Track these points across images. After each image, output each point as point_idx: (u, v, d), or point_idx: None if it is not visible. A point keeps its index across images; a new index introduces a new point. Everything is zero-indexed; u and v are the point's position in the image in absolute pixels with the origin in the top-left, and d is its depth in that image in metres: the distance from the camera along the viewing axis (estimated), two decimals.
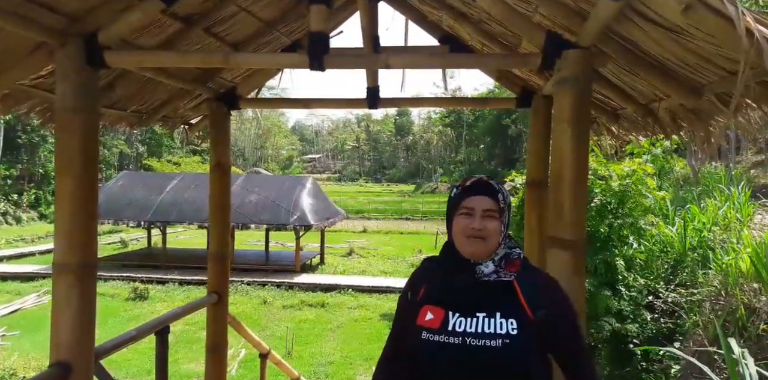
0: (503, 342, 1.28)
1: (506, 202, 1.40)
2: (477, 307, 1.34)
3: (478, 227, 1.34)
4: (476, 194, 1.38)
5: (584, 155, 1.67)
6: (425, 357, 1.35)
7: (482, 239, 1.34)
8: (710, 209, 7.68)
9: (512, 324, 1.29)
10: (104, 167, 33.00)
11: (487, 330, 1.30)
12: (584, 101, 1.64)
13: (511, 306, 1.32)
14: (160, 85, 2.79)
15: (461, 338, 1.31)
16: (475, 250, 1.35)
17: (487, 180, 1.42)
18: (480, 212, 1.36)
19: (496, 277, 1.35)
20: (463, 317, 1.34)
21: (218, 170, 2.92)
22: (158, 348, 2.26)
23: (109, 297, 12.70)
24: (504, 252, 1.39)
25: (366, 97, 2.88)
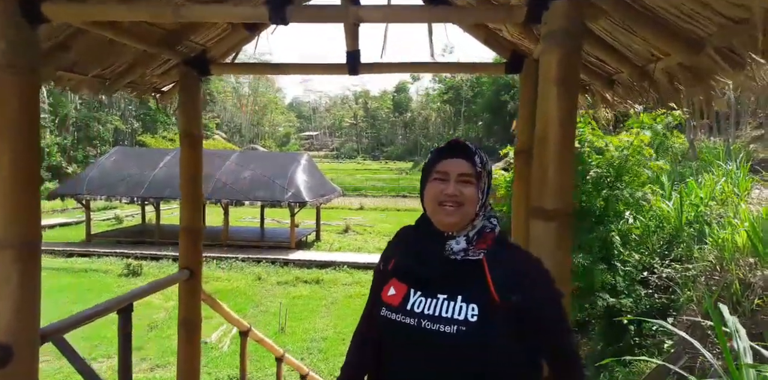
0: (458, 329, 1.14)
1: (484, 166, 1.25)
2: (440, 287, 1.21)
3: (452, 193, 1.20)
4: (450, 157, 1.24)
5: (571, 117, 1.51)
6: (383, 335, 1.27)
7: (457, 207, 1.20)
8: (707, 184, 7.56)
9: (473, 310, 1.15)
10: (99, 143, 32.69)
11: (444, 314, 1.17)
12: (573, 59, 1.47)
13: (476, 288, 1.17)
14: (124, 48, 2.60)
15: (417, 319, 1.19)
16: (449, 219, 1.21)
17: (462, 142, 1.27)
18: (455, 177, 1.22)
19: (464, 255, 1.20)
20: (424, 296, 1.21)
21: (188, 140, 2.75)
22: (121, 327, 2.13)
23: (103, 272, 12.67)
24: (481, 225, 1.25)
25: (346, 62, 2.69)
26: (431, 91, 62.06)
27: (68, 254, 14.42)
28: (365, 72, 2.66)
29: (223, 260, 13.65)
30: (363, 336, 1.46)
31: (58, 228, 18.90)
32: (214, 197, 14.72)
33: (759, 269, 5.05)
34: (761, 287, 4.93)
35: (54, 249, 14.72)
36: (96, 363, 7.69)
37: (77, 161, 30.38)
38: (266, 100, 60.15)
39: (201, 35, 2.82)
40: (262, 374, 7.41)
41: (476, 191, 1.22)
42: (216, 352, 8.14)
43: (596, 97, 2.79)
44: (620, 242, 6.30)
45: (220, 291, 11.14)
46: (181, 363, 2.74)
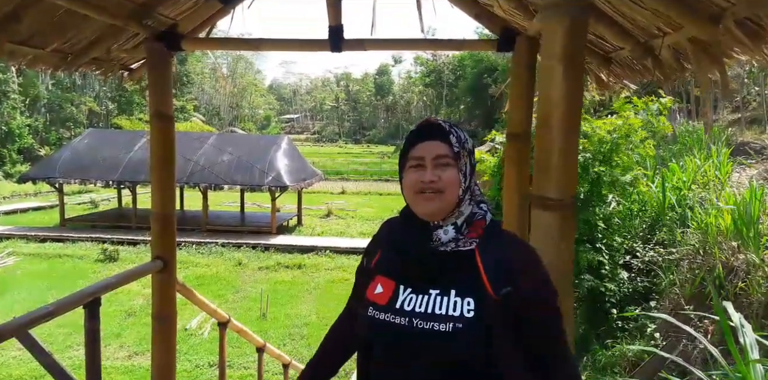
0: (454, 327, 1.03)
1: (463, 145, 1.12)
2: (431, 282, 1.09)
3: (430, 179, 1.08)
4: (424, 139, 1.11)
5: (577, 98, 1.38)
6: (371, 337, 1.14)
7: (437, 194, 1.08)
8: (689, 168, 7.58)
9: (468, 305, 1.04)
10: (72, 125, 31.78)
11: (437, 310, 1.05)
12: (579, 32, 1.33)
13: (469, 281, 1.06)
14: (85, 20, 2.38)
15: (408, 318, 1.07)
16: (430, 208, 1.09)
17: (434, 120, 1.14)
18: (431, 161, 1.09)
19: (453, 247, 1.09)
20: (414, 293, 1.10)
21: (159, 119, 2.56)
22: (87, 323, 1.98)
23: (78, 258, 12.36)
24: (469, 211, 1.12)
25: (328, 38, 2.52)
26: (413, 74, 61.63)
27: (41, 240, 14.03)
28: (349, 49, 2.49)
29: (203, 246, 13.42)
30: (336, 334, 1.37)
31: (31, 212, 18.40)
32: (192, 180, 14.41)
33: (742, 253, 5.06)
34: (744, 270, 4.95)
35: (27, 234, 14.32)
36: (72, 350, 7.51)
37: (49, 144, 29.53)
38: (245, 82, 59.06)
39: (170, 8, 2.61)
40: (243, 360, 7.31)
41: (457, 174, 1.09)
42: (196, 339, 8.00)
43: (590, 77, 2.66)
44: (603, 226, 6.29)
45: (199, 276, 10.96)
46: (156, 358, 2.59)
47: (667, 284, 5.92)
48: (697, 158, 7.84)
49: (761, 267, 4.74)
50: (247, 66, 62.03)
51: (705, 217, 5.75)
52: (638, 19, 1.66)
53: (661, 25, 1.57)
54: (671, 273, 5.89)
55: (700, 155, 8.20)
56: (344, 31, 2.53)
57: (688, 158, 8.01)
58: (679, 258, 5.93)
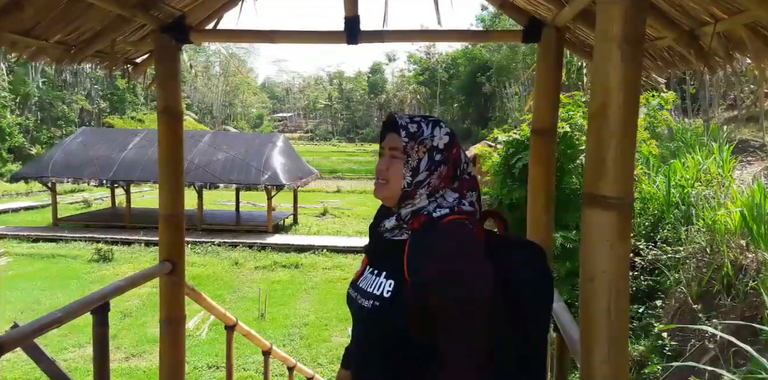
0: (374, 304, 1.15)
1: (416, 139, 1.18)
2: (378, 263, 1.23)
3: (378, 168, 1.22)
4: (386, 131, 1.26)
5: (636, 84, 1.27)
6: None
7: (385, 182, 1.21)
8: (691, 165, 7.53)
9: (389, 286, 1.15)
10: (63, 124, 31.39)
11: (369, 289, 1.19)
12: (641, 11, 1.23)
13: (396, 266, 1.16)
14: (90, 10, 2.26)
15: (358, 294, 1.23)
16: (377, 194, 1.23)
17: (392, 114, 1.25)
18: (386, 151, 1.23)
19: (391, 235, 1.21)
20: (371, 273, 1.23)
21: (167, 115, 2.44)
22: (96, 329, 1.86)
23: (71, 258, 12.17)
24: (422, 205, 1.18)
25: (344, 29, 2.41)
26: (406, 72, 61.52)
27: (34, 239, 13.81)
28: (366, 41, 2.38)
29: (199, 245, 13.26)
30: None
31: (23, 212, 18.13)
32: (187, 179, 14.21)
33: (752, 251, 5.01)
34: (754, 269, 4.90)
35: (19, 234, 14.10)
36: (67, 352, 7.36)
37: (41, 142, 29.15)
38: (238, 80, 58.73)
39: None
40: (242, 362, 7.19)
41: (401, 166, 1.18)
42: (194, 340, 7.87)
43: None
44: None
45: (196, 277, 10.82)
46: (165, 362, 2.48)
47: (673, 282, 5.87)
48: (699, 155, 7.80)
49: None
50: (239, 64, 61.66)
51: (712, 214, 5.70)
52: (687, 5, 1.57)
53: (715, 10, 1.48)
54: (677, 272, 5.84)
55: (702, 152, 8.16)
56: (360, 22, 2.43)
57: (689, 156, 7.97)
58: (685, 257, 5.87)
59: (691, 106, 16.42)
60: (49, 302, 8.76)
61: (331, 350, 7.72)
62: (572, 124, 6.26)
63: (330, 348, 7.81)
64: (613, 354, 1.17)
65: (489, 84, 39.16)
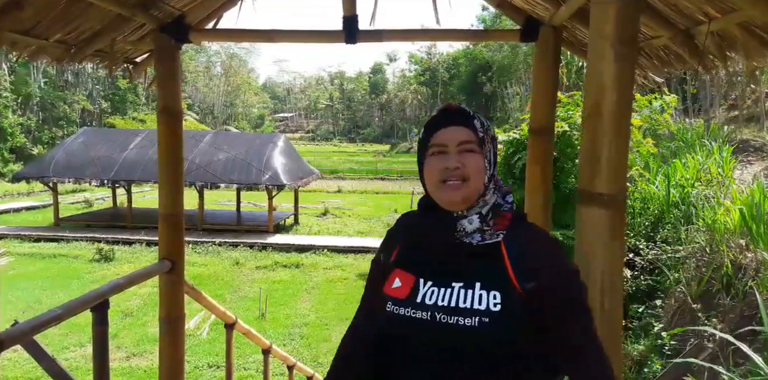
0: (480, 321, 0.98)
1: (486, 131, 1.08)
2: (454, 274, 1.04)
3: (454, 166, 1.04)
4: (446, 125, 1.07)
5: (630, 83, 1.29)
6: (390, 333, 1.08)
7: (462, 181, 1.04)
8: (691, 165, 7.53)
9: (494, 298, 0.99)
10: (65, 124, 31.45)
11: (462, 304, 1.01)
12: (635, 11, 1.24)
13: (494, 274, 1.02)
14: (90, 9, 2.27)
15: (430, 312, 1.02)
16: (455, 196, 1.04)
17: (457, 105, 1.10)
18: (454, 147, 1.05)
19: (479, 240, 1.04)
20: (436, 286, 1.05)
21: (166, 115, 2.46)
22: (95, 327, 1.87)
23: (72, 258, 12.19)
24: (494, 200, 1.08)
25: (342, 28, 2.42)
26: (407, 72, 61.54)
27: (35, 239, 13.84)
28: (365, 40, 2.39)
29: (199, 245, 13.28)
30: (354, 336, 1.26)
31: (24, 212, 18.16)
32: (188, 179, 14.25)
33: (751, 251, 5.01)
34: (753, 268, 4.90)
35: (20, 234, 14.12)
36: (69, 351, 7.38)
37: (42, 143, 29.21)
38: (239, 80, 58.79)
39: None
40: (242, 361, 7.21)
41: (482, 160, 1.05)
42: (195, 339, 7.88)
43: None
44: None
45: (197, 276, 10.83)
46: (164, 361, 2.49)
47: (673, 282, 5.87)
48: (699, 155, 7.80)
49: None
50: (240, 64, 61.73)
51: (712, 214, 5.70)
52: (682, 4, 1.58)
53: (709, 9, 1.49)
54: (676, 271, 5.84)
55: (702, 152, 8.16)
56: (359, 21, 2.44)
57: (690, 156, 7.97)
58: (684, 256, 5.87)
59: (692, 106, 16.41)
60: (50, 301, 8.78)
61: (332, 349, 7.69)
62: (571, 123, 6.26)
63: (330, 347, 7.82)
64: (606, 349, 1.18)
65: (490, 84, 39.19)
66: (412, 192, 21.92)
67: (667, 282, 6.03)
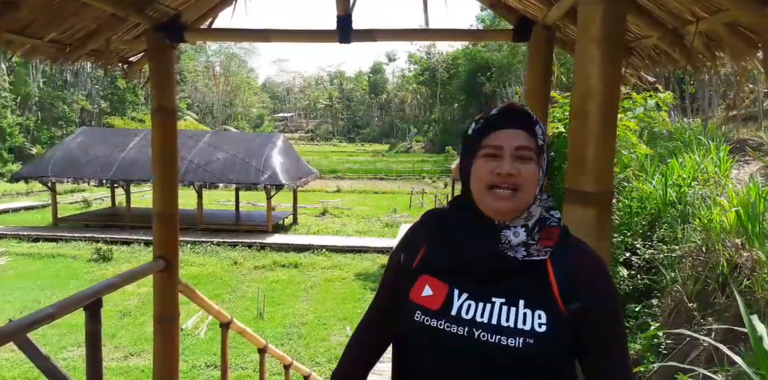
0: (525, 342, 0.92)
1: (545, 139, 1.00)
2: (494, 288, 0.97)
3: (509, 172, 0.95)
4: (505, 126, 0.99)
5: (616, 84, 1.30)
6: (417, 344, 1.01)
7: (512, 190, 0.96)
8: (688, 165, 7.54)
9: (540, 318, 0.94)
10: (64, 124, 31.45)
11: (504, 322, 0.94)
12: (620, 12, 1.25)
13: (539, 292, 0.96)
14: (84, 9, 2.28)
15: (468, 328, 0.95)
16: (503, 205, 0.97)
17: (521, 106, 1.01)
18: (511, 151, 0.97)
19: (525, 255, 0.97)
20: (473, 300, 0.97)
21: (161, 114, 2.47)
22: (88, 325, 1.88)
23: (71, 258, 12.19)
24: (539, 214, 1.01)
25: (336, 28, 2.43)
26: (407, 72, 61.56)
27: (34, 239, 13.84)
28: (358, 40, 2.41)
29: (198, 245, 13.29)
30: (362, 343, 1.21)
31: (23, 212, 18.17)
32: (187, 179, 14.28)
33: (747, 250, 5.02)
34: (749, 267, 4.91)
35: (19, 234, 14.13)
36: (66, 351, 7.38)
37: (41, 142, 29.22)
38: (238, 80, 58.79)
39: None
40: (240, 361, 7.21)
41: (537, 170, 0.98)
42: (193, 339, 7.90)
43: None
44: None
45: (195, 276, 10.84)
46: (158, 360, 2.50)
47: (669, 281, 5.88)
48: (696, 154, 7.81)
49: (766, 264, 4.69)
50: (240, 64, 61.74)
51: (708, 214, 5.72)
52: (671, 4, 1.59)
53: (697, 9, 1.50)
54: (673, 271, 5.85)
55: (699, 151, 8.17)
56: (353, 21, 2.45)
57: (687, 155, 7.98)
58: (681, 255, 5.88)
59: (690, 105, 16.42)
60: (48, 301, 8.79)
61: (329, 349, 7.74)
62: (566, 125, 6.28)
63: (328, 347, 7.83)
64: None
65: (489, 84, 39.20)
66: (411, 192, 21.95)
67: (664, 282, 6.04)
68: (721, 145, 8.12)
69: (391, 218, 17.98)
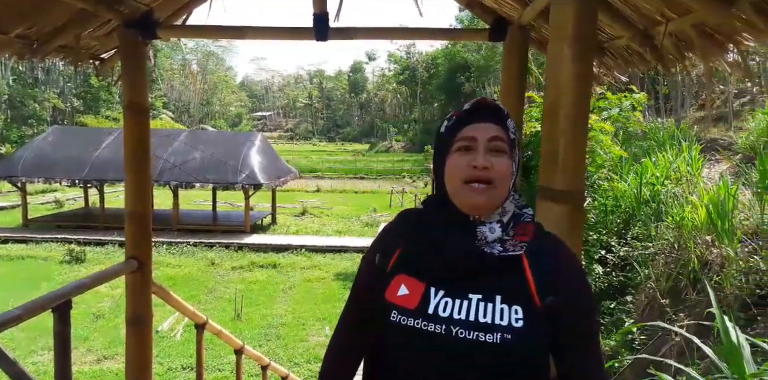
0: (503, 338, 0.92)
1: (516, 134, 1.00)
2: (470, 285, 0.97)
3: (483, 164, 0.95)
4: (477, 120, 0.98)
5: (586, 83, 1.31)
6: (395, 344, 1.00)
7: (487, 185, 0.96)
8: (662, 164, 7.70)
9: (516, 313, 0.93)
10: (35, 123, 30.68)
11: (482, 318, 0.93)
12: (590, 13, 1.26)
13: (516, 287, 0.96)
14: (52, 3, 2.22)
15: (446, 326, 0.95)
16: (478, 199, 0.96)
17: (492, 100, 1.01)
18: (485, 143, 0.97)
19: (501, 250, 0.96)
20: (450, 297, 0.97)
21: (133, 112, 2.42)
22: (57, 327, 1.84)
23: (42, 259, 11.90)
24: (513, 210, 1.01)
25: (313, 26, 2.42)
26: (387, 71, 61.61)
27: (3, 241, 13.46)
28: (335, 38, 2.39)
29: (174, 245, 13.09)
30: (342, 345, 1.20)
31: None
32: (162, 178, 14.05)
33: (716, 247, 5.15)
34: (718, 264, 5.04)
35: None
36: (36, 355, 7.20)
37: (11, 142, 28.46)
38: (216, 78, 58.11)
39: None
40: (217, 363, 7.13)
41: (511, 164, 0.97)
42: (168, 341, 7.78)
43: None
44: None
45: (171, 277, 10.68)
46: (131, 362, 2.45)
47: (643, 278, 5.99)
48: (669, 154, 7.98)
49: (735, 261, 4.81)
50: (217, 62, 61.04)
51: (680, 211, 5.84)
52: (641, 5, 1.62)
53: (666, 10, 1.53)
54: (647, 268, 5.97)
55: (672, 151, 8.35)
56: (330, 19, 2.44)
57: (660, 155, 8.15)
58: (654, 253, 6.00)
59: (663, 106, 16.77)
60: (18, 304, 8.55)
61: (308, 349, 7.70)
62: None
63: (307, 347, 7.79)
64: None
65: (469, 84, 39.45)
66: (391, 191, 21.97)
67: (638, 278, 6.15)
68: (693, 144, 8.32)
69: (371, 217, 17.97)
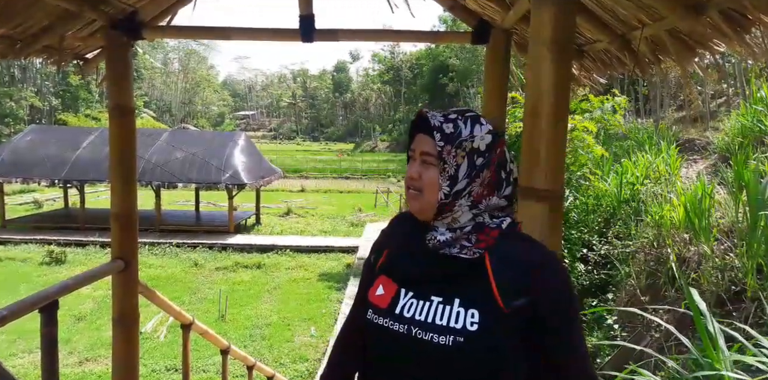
0: (455, 340, 0.94)
1: (452, 140, 0.98)
2: (434, 288, 1.00)
3: (411, 175, 1.02)
4: (417, 131, 1.05)
5: (566, 85, 1.36)
6: (369, 341, 1.07)
7: (418, 192, 1.02)
8: (641, 164, 7.86)
9: (472, 317, 0.95)
10: (12, 122, 30.09)
11: (438, 321, 0.96)
12: (569, 16, 1.31)
13: (476, 291, 0.97)
14: (36, 3, 2.21)
15: (407, 326, 0.99)
16: (413, 205, 1.03)
17: (425, 112, 1.03)
18: (418, 155, 1.03)
19: (457, 252, 0.98)
20: (415, 298, 1.01)
21: (118, 113, 2.41)
22: (44, 328, 1.83)
23: (21, 261, 11.71)
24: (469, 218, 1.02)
25: (299, 27, 2.44)
26: (371, 71, 61.63)
27: None
28: (321, 39, 2.42)
29: (157, 246, 12.96)
30: (344, 341, 1.27)
31: None
32: (144, 179, 13.91)
33: (694, 245, 5.28)
34: (695, 261, 5.16)
35: None
36: (17, 358, 7.10)
37: None
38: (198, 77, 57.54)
39: None
40: (202, 364, 7.09)
41: (437, 175, 0.99)
42: (152, 342, 7.72)
43: None
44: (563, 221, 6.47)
45: (154, 278, 10.59)
46: (117, 363, 2.45)
47: (623, 276, 6.11)
48: (649, 154, 8.14)
49: (711, 258, 4.94)
50: (199, 61, 60.46)
51: (659, 210, 5.97)
52: (618, 11, 1.67)
53: (642, 16, 1.58)
54: (627, 266, 6.09)
55: (651, 151, 8.52)
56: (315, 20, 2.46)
57: (640, 155, 8.31)
58: (634, 251, 6.13)
59: (643, 107, 17.05)
60: None
61: (294, 350, 7.70)
62: None
63: (292, 347, 7.78)
64: None
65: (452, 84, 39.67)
66: (376, 191, 22.00)
67: (619, 276, 6.27)
68: (672, 144, 8.50)
69: (356, 217, 17.99)
